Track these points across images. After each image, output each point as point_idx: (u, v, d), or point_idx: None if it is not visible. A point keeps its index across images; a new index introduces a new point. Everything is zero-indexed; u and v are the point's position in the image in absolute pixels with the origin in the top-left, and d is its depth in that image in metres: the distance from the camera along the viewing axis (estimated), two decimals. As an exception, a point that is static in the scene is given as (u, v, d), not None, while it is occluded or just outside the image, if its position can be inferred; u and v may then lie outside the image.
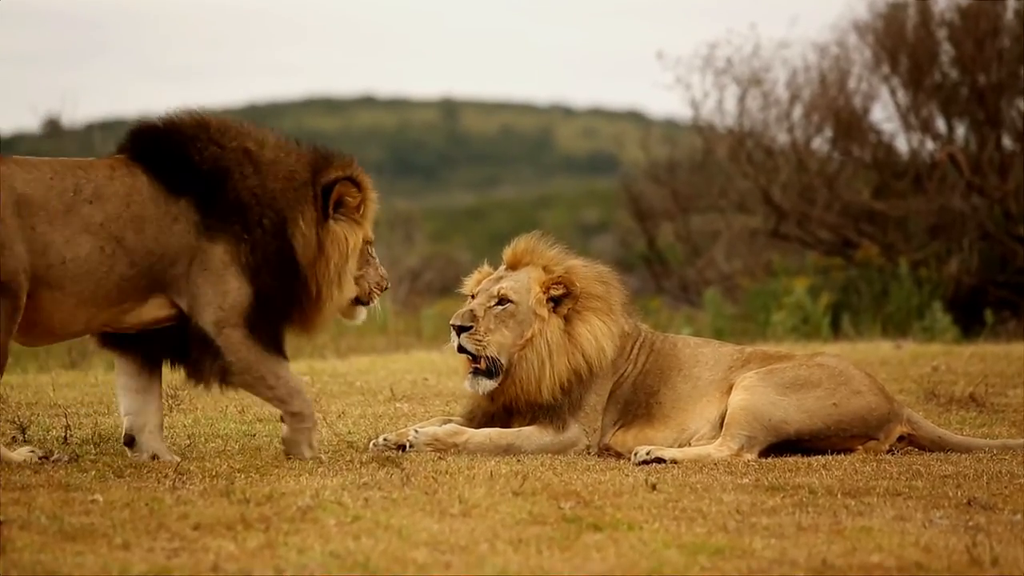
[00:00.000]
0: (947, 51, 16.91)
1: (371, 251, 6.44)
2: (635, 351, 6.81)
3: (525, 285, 6.74)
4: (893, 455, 6.60)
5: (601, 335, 6.70)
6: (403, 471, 5.88)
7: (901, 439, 6.74)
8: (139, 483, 5.58)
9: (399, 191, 37.56)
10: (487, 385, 6.69)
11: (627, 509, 5.21)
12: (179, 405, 8.16)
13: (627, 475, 5.99)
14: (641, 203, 19.82)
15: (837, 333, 15.17)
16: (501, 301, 6.71)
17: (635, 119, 56.45)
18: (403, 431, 6.67)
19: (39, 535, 4.67)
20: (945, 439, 6.80)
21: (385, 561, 4.43)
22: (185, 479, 5.66)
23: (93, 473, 5.78)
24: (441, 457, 6.38)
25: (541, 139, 66.25)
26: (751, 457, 6.46)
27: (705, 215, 19.45)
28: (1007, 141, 16.89)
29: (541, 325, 6.69)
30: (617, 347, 6.76)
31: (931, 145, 17.14)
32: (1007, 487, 5.75)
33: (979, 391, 8.54)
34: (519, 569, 4.39)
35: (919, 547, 4.69)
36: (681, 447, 6.57)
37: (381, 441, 6.65)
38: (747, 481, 5.83)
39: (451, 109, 68.56)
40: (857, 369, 6.76)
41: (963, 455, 6.60)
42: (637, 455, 6.41)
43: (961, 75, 16.83)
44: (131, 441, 6.24)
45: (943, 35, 16.92)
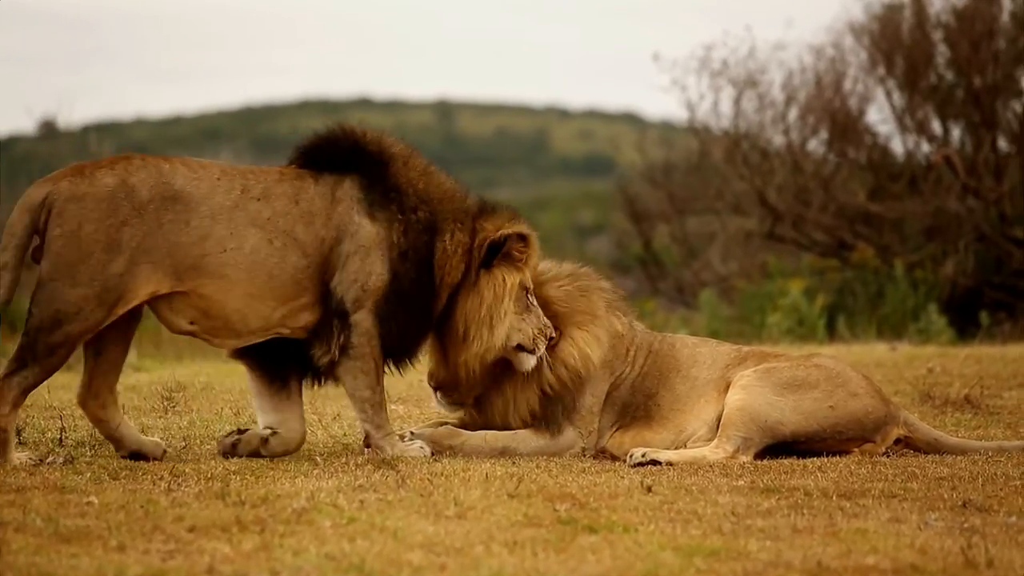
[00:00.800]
0: (943, 53, 16.92)
1: (531, 299, 6.52)
2: (632, 353, 6.78)
3: None
4: (888, 457, 6.60)
5: (584, 344, 6.66)
6: (398, 473, 5.88)
7: (898, 442, 6.73)
8: (134, 485, 5.58)
9: (395, 193, 37.44)
10: (455, 409, 6.74)
11: (622, 511, 5.20)
12: (174, 407, 8.15)
13: (622, 477, 5.99)
14: (637, 205, 19.86)
15: (833, 335, 15.16)
16: None
17: (631, 121, 56.43)
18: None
19: (34, 537, 4.67)
20: (941, 441, 6.79)
21: (380, 563, 4.42)
22: (180, 481, 5.66)
23: (88, 475, 5.78)
24: (436, 459, 6.38)
25: (537, 141, 66.19)
26: (746, 459, 6.45)
27: (701, 217, 19.49)
28: (1003, 143, 16.90)
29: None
30: (608, 347, 6.72)
31: (927, 147, 17.16)
32: (1002, 489, 5.75)
33: (974, 393, 8.53)
34: (514, 571, 4.38)
35: (914, 549, 4.69)
36: (679, 448, 6.56)
37: (377, 443, 6.65)
38: (742, 483, 5.82)
39: (447, 111, 68.50)
40: (854, 371, 6.75)
41: (959, 457, 6.60)
42: (632, 457, 6.40)
43: (957, 77, 16.84)
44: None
45: (939, 37, 16.93)
